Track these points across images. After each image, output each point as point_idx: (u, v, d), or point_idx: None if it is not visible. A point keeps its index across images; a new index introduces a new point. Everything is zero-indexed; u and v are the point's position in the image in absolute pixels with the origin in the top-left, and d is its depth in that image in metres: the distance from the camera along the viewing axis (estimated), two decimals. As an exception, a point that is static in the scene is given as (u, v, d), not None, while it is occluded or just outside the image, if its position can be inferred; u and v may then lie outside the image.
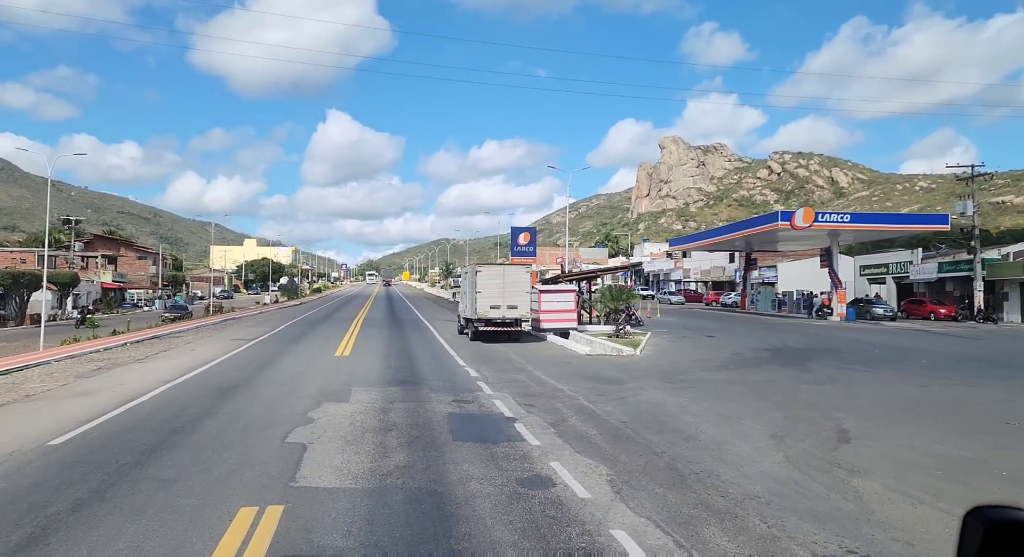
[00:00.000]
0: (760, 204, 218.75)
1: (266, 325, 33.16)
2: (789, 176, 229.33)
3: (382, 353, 20.20)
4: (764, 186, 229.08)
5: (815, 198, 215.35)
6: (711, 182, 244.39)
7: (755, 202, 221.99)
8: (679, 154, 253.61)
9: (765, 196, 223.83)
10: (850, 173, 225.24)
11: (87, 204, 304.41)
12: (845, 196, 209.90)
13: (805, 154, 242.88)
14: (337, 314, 43.82)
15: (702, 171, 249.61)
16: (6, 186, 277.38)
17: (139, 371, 16.11)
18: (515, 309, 23.66)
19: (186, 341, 24.29)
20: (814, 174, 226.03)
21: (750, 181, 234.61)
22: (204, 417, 10.61)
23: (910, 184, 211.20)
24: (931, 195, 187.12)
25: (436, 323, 34.18)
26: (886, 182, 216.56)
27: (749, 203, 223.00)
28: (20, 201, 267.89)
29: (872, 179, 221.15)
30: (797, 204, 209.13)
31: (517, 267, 24.65)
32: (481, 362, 18.40)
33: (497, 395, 13.06)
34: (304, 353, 20.12)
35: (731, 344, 22.62)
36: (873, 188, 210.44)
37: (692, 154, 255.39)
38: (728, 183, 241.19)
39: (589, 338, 23.44)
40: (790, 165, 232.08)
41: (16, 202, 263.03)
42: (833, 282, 35.25)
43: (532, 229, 45.75)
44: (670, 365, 17.84)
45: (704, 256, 62.67)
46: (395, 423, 10.33)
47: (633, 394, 13.42)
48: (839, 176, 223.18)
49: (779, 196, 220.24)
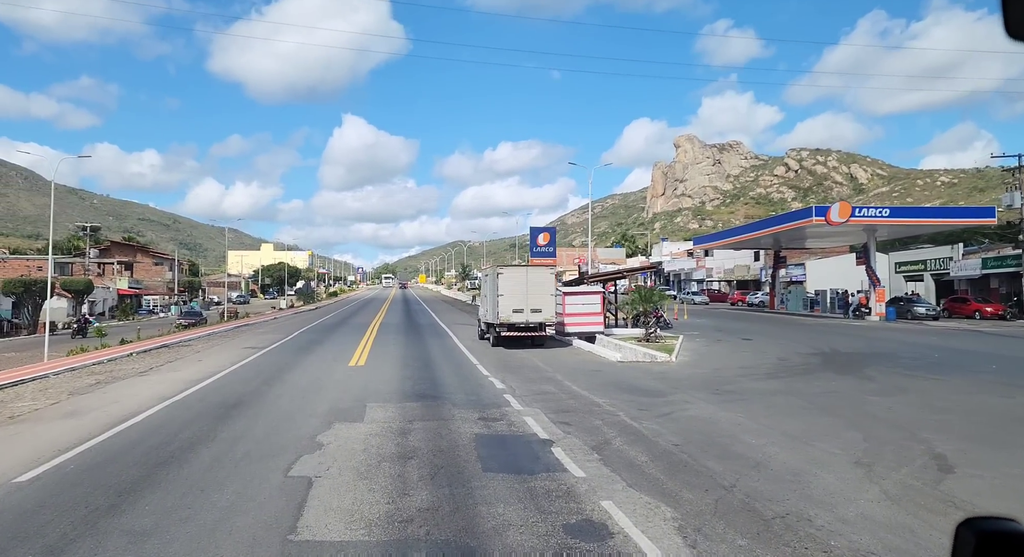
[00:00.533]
0: (777, 202, 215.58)
1: (279, 332, 32.02)
2: (807, 173, 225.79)
3: (399, 362, 18.88)
4: (781, 184, 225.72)
5: (834, 195, 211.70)
6: (727, 180, 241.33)
7: (772, 200, 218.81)
8: (694, 153, 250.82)
9: (782, 194, 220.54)
10: (869, 169, 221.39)
11: (109, 211, 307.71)
12: (864, 192, 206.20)
13: (823, 150, 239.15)
14: (353, 319, 42.68)
15: (718, 169, 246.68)
16: (29, 195, 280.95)
17: (138, 386, 14.90)
18: (539, 313, 22.25)
19: (195, 350, 23.15)
20: (832, 170, 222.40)
21: (767, 179, 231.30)
22: (199, 443, 9.31)
23: (931, 179, 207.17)
24: (953, 190, 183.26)
25: (455, 328, 32.85)
26: (906, 178, 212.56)
27: (766, 201, 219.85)
28: (43, 210, 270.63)
29: (892, 175, 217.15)
30: (815, 201, 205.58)
31: (541, 268, 23.23)
32: (506, 371, 17.02)
33: (527, 411, 11.67)
34: (316, 363, 18.85)
35: (773, 348, 21.03)
36: (893, 184, 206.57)
37: (708, 152, 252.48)
38: (744, 181, 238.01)
39: (618, 343, 21.97)
40: (808, 162, 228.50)
41: (40, 211, 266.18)
42: (871, 280, 33.43)
43: (552, 229, 44.30)
44: (712, 373, 16.33)
45: (727, 255, 60.81)
46: (415, 448, 8.97)
47: (679, 409, 11.96)
48: (858, 172, 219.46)
49: (797, 193, 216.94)
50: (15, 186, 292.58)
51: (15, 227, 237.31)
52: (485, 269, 26.60)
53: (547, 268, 23.14)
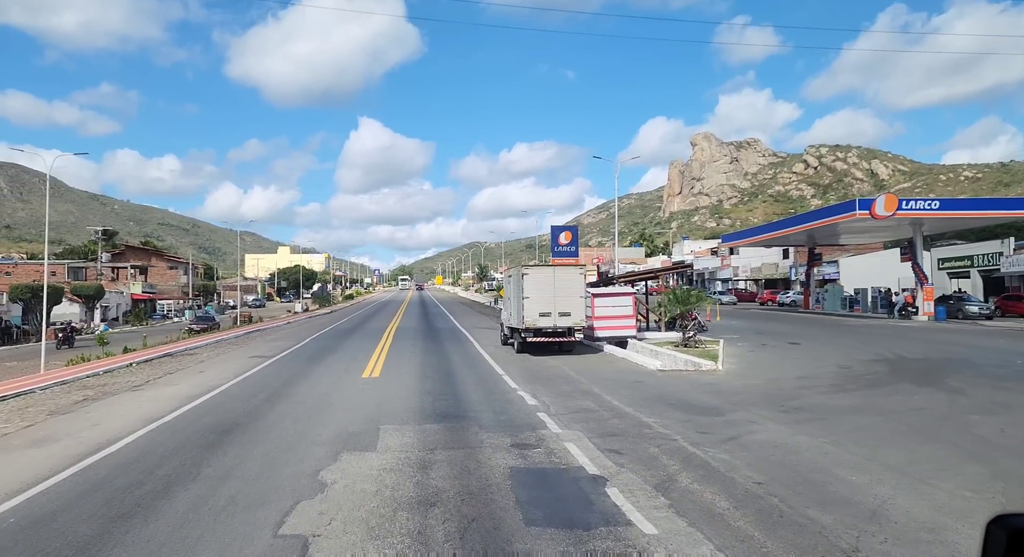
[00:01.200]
0: (796, 199, 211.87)
1: (290, 338, 30.49)
2: (826, 169, 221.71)
3: (417, 373, 17.17)
4: (800, 181, 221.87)
5: (854, 191, 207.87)
6: (745, 178, 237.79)
7: (791, 197, 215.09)
8: (711, 151, 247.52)
9: (801, 191, 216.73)
10: (890, 165, 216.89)
11: (129, 217, 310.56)
12: (885, 188, 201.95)
13: (843, 147, 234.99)
14: (368, 324, 41.11)
15: (735, 167, 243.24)
16: (53, 201, 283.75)
17: (127, 404, 13.31)
18: (568, 317, 20.45)
19: (198, 360, 21.63)
20: (852, 167, 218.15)
21: (785, 176, 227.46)
22: (176, 483, 7.64)
23: (954, 174, 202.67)
24: (977, 185, 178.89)
25: (475, 332, 31.11)
26: (928, 173, 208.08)
27: (785, 198, 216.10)
28: (66, 216, 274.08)
29: (914, 170, 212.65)
30: (835, 198, 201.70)
31: (569, 268, 21.41)
32: (535, 382, 15.26)
33: (567, 435, 9.91)
34: (326, 375, 17.18)
35: (827, 354, 19.05)
36: (915, 179, 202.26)
37: (725, 150, 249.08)
38: (763, 179, 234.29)
39: (654, 348, 20.12)
40: (827, 158, 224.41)
41: (62, 217, 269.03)
42: (918, 277, 31.20)
43: (574, 228, 42.41)
44: (769, 385, 14.44)
45: (754, 253, 58.47)
46: (439, 491, 7.24)
47: (745, 431, 10.13)
48: (879, 168, 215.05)
49: (816, 190, 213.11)
50: (38, 193, 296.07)
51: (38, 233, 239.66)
52: (508, 270, 24.85)
53: (576, 268, 21.31)
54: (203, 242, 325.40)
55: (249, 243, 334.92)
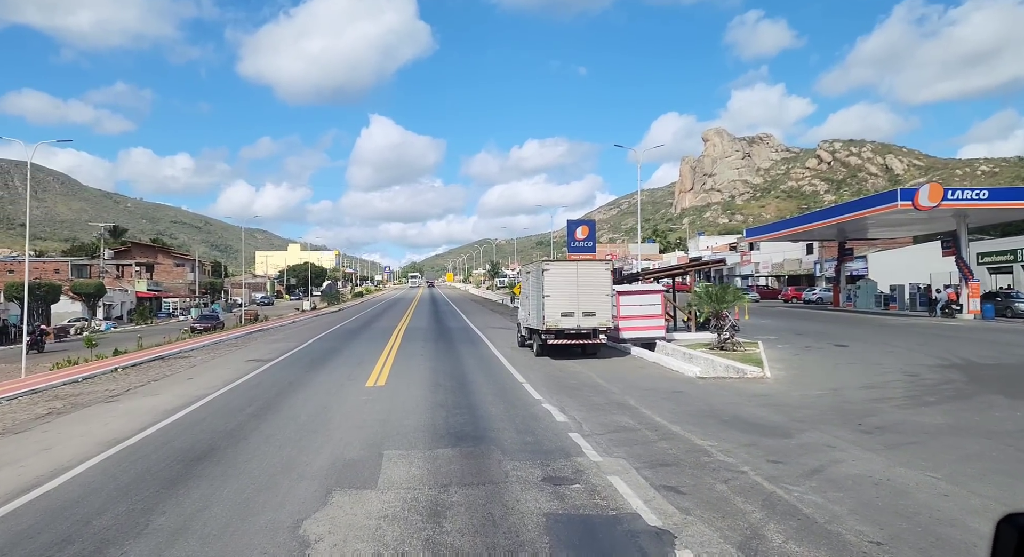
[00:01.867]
0: (809, 195, 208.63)
1: (293, 339, 28.75)
2: (840, 165, 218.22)
3: (428, 380, 15.34)
4: (814, 176, 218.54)
5: (868, 186, 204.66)
6: (757, 174, 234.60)
7: (804, 193, 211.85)
8: (723, 146, 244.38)
9: (815, 186, 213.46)
10: (905, 159, 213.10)
11: (142, 215, 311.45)
12: (900, 183, 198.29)
13: (857, 141, 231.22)
14: (376, 323, 39.35)
15: (747, 163, 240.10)
16: (66, 200, 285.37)
17: (92, 421, 11.55)
18: (592, 317, 18.55)
19: (190, 364, 19.90)
20: (867, 162, 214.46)
21: (798, 171, 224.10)
22: (113, 543, 5.81)
23: (971, 169, 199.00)
24: (994, 179, 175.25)
25: (489, 332, 29.26)
26: (944, 168, 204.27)
27: (798, 194, 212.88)
28: (80, 214, 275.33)
29: (929, 165, 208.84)
30: (849, 194, 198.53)
31: (594, 264, 19.47)
32: (561, 393, 13.40)
33: (610, 464, 8.05)
34: (326, 383, 15.38)
35: (883, 358, 17.04)
36: (931, 174, 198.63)
37: (737, 146, 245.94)
38: (775, 174, 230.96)
39: (687, 351, 18.19)
40: (841, 153, 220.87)
41: (76, 215, 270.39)
42: (962, 273, 29.01)
43: (591, 222, 40.40)
44: (832, 396, 12.49)
45: (775, 248, 56.22)
46: (456, 551, 5.39)
47: (829, 460, 8.21)
48: (894, 163, 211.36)
49: (830, 186, 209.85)
50: (52, 191, 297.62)
51: (53, 231, 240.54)
52: (525, 266, 22.97)
53: (601, 263, 19.36)
54: (215, 240, 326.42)
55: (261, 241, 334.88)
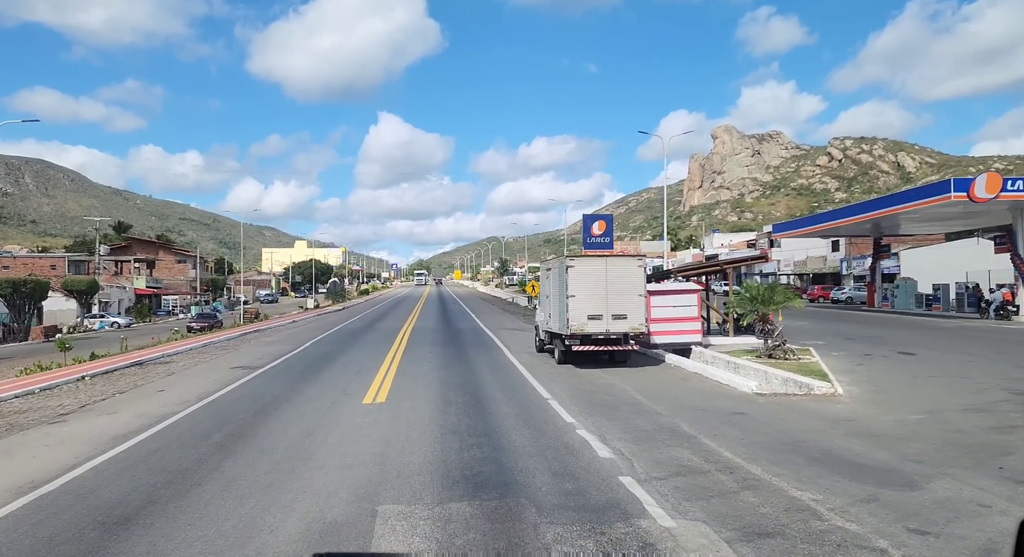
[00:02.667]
0: (820, 192, 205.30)
1: (289, 341, 26.37)
2: (851, 162, 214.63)
3: (436, 395, 12.96)
4: (824, 174, 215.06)
5: (880, 184, 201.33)
6: (767, 171, 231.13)
7: (814, 190, 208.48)
8: (732, 143, 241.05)
9: (825, 184, 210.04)
10: (917, 157, 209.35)
11: (151, 212, 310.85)
12: (912, 181, 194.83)
13: (868, 139, 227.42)
14: (381, 322, 36.99)
15: (757, 160, 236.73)
16: (76, 196, 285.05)
17: (17, 453, 9.17)
18: (623, 320, 16.13)
19: (169, 371, 17.55)
20: (878, 159, 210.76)
21: (808, 169, 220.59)
22: None
23: (984, 166, 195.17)
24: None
25: (503, 334, 26.84)
26: (957, 165, 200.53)
27: (808, 192, 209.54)
28: (89, 210, 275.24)
29: (942, 162, 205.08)
30: (860, 191, 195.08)
31: (626, 259, 17.01)
32: (596, 412, 11.03)
33: (688, 532, 5.68)
34: (317, 398, 13.00)
35: (967, 369, 14.53)
36: (943, 172, 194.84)
37: (746, 143, 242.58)
38: (785, 172, 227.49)
39: (731, 360, 15.77)
40: (852, 151, 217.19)
41: (85, 211, 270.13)
42: (1019, 271, 26.41)
43: (608, 217, 37.93)
44: (936, 422, 10.02)
45: (797, 245, 53.61)
46: None
47: (993, 530, 5.76)
48: (905, 160, 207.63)
49: (840, 184, 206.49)
50: (63, 188, 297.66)
51: (63, 228, 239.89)
52: (547, 261, 20.52)
53: (633, 259, 16.87)
54: (223, 236, 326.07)
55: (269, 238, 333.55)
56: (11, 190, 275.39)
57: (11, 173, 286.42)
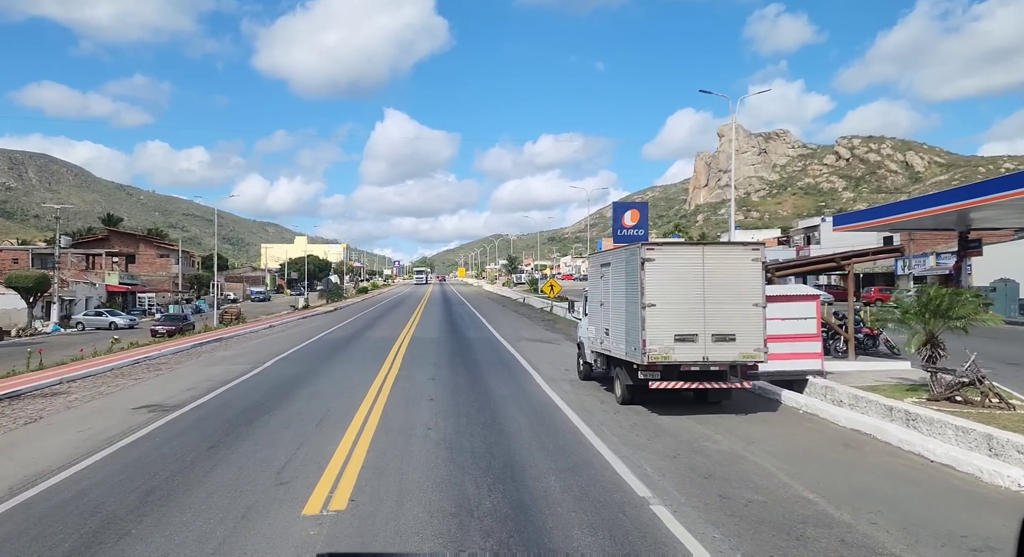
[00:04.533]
0: (828, 192, 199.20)
1: (249, 357, 20.01)
2: (859, 161, 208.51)
3: (443, 492, 7.02)
4: (831, 173, 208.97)
5: (888, 184, 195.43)
6: (773, 170, 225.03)
7: (822, 190, 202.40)
8: (739, 142, 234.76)
9: (832, 183, 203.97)
10: (926, 156, 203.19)
11: (155, 207, 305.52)
12: (921, 181, 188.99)
13: (876, 138, 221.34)
14: (373, 330, 30.72)
15: (763, 159, 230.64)
16: (80, 191, 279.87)
17: None
18: (730, 343, 10.24)
19: (39, 412, 11.57)
20: (886, 159, 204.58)
21: (816, 168, 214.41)
22: None
23: (994, 166, 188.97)
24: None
25: (525, 348, 20.82)
26: (966, 165, 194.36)
27: (815, 191, 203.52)
28: (92, 205, 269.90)
29: (951, 162, 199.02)
30: (869, 191, 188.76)
31: (732, 250, 11.03)
32: (729, 521, 5.16)
33: None
34: (220, 499, 6.97)
35: None
36: (952, 171, 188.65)
37: (753, 141, 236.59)
38: (792, 171, 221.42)
39: (891, 405, 9.92)
40: (860, 150, 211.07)
41: (89, 206, 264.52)
42: None
43: (642, 205, 32.12)
44: None
45: (839, 241, 47.67)
46: None
47: None
48: (914, 160, 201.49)
49: (848, 183, 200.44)
50: (67, 183, 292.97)
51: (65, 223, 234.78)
52: (601, 253, 14.34)
53: (747, 248, 10.89)
54: (227, 232, 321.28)
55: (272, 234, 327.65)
56: (14, 185, 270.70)
57: (14, 167, 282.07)
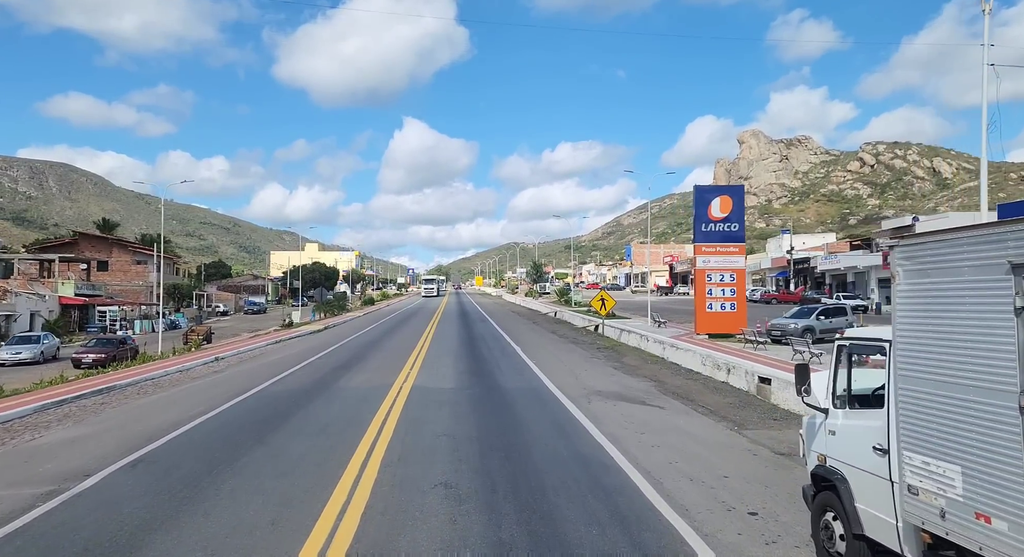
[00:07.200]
0: (852, 199, 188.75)
1: (120, 438, 11.47)
2: (884, 168, 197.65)
3: None
4: (855, 179, 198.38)
5: (915, 190, 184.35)
6: (795, 177, 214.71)
7: (845, 197, 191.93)
8: (759, 148, 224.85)
9: (857, 190, 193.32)
10: (954, 162, 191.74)
11: (172, 216, 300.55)
12: (950, 187, 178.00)
13: (902, 143, 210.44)
14: (354, 372, 20.74)
15: (785, 166, 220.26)
16: (99, 200, 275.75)
17: None
18: None
19: None
20: (912, 165, 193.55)
21: (839, 175, 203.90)
22: None
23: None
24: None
25: (603, 415, 11.97)
26: (997, 171, 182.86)
27: (839, 198, 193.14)
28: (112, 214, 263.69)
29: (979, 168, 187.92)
30: (895, 197, 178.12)
31: None
32: None
33: None
34: None
35: None
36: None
37: (774, 148, 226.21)
38: (814, 178, 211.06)
39: None
40: (885, 156, 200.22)
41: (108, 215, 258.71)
42: None
43: (736, 189, 23.15)
44: None
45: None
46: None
47: None
48: (942, 166, 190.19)
49: (873, 190, 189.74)
50: (86, 192, 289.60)
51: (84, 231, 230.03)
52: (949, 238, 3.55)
53: None
54: (243, 241, 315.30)
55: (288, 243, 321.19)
56: (35, 193, 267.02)
57: (35, 177, 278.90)
